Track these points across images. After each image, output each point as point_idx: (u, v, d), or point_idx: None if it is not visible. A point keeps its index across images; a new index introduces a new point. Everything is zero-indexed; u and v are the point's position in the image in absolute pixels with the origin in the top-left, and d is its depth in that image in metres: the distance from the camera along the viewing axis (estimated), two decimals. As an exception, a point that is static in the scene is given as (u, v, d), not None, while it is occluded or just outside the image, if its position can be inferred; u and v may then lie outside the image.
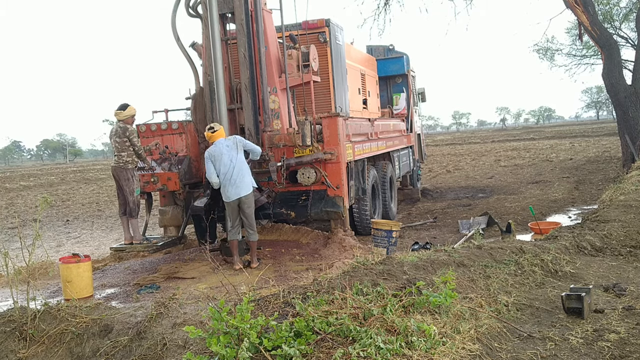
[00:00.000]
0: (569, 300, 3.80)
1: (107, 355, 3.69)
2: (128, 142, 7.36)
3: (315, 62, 8.35)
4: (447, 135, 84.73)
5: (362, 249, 7.48)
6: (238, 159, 6.62)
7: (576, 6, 12.89)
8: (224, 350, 2.85)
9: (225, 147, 6.61)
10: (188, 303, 4.20)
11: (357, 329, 2.98)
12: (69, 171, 47.25)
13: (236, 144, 6.65)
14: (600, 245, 5.58)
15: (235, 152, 6.62)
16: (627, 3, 22.70)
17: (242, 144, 6.72)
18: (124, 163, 7.38)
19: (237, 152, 6.63)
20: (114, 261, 8.32)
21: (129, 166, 7.42)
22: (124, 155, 7.37)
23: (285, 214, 7.99)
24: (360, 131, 9.21)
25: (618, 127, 14.08)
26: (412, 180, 14.31)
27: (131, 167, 7.45)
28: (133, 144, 7.39)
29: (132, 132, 7.42)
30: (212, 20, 7.30)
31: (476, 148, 37.23)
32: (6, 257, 4.21)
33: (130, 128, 7.45)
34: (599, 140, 32.87)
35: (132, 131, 7.43)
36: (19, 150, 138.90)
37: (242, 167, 6.63)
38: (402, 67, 13.39)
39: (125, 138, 7.35)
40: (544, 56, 27.58)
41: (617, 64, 13.51)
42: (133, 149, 7.40)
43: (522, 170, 18.73)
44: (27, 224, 14.19)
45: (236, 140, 6.69)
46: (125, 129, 7.38)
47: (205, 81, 8.18)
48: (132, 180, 7.46)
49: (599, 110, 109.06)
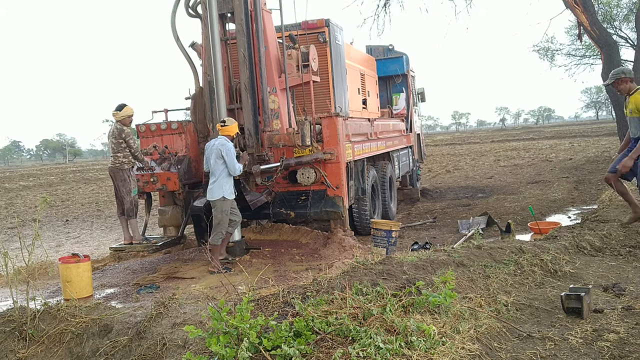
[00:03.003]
0: (568, 300, 3.80)
1: (107, 355, 3.69)
2: (124, 143, 7.36)
3: (315, 62, 8.35)
4: (447, 135, 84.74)
5: (361, 249, 7.48)
6: (216, 164, 6.71)
7: (576, 6, 12.90)
8: (223, 350, 2.85)
9: (215, 149, 6.71)
10: (188, 303, 4.20)
11: (357, 328, 2.98)
12: (68, 171, 47.25)
13: (219, 151, 6.70)
14: (600, 245, 5.58)
15: (216, 156, 6.71)
16: (627, 3, 22.73)
17: (224, 153, 6.68)
18: (120, 164, 7.37)
19: (217, 158, 6.71)
20: (113, 261, 8.32)
21: (125, 167, 7.41)
22: (120, 156, 7.36)
23: (284, 214, 7.99)
24: (359, 131, 9.21)
25: (617, 127, 14.09)
26: (412, 180, 14.31)
27: (127, 167, 7.43)
28: (129, 146, 7.37)
29: (128, 134, 7.39)
30: (212, 20, 7.30)
31: (476, 148, 37.24)
32: (6, 257, 4.20)
33: (127, 130, 7.42)
34: (598, 140, 32.87)
35: (128, 133, 7.40)
36: (19, 150, 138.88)
37: (219, 174, 6.72)
38: (401, 67, 13.39)
39: (121, 139, 7.34)
40: (544, 56, 27.61)
41: (617, 64, 13.51)
42: (129, 150, 7.40)
43: (521, 170, 18.73)
44: (27, 224, 14.19)
45: (221, 148, 6.69)
46: (122, 130, 7.36)
47: (205, 81, 8.17)
48: (128, 180, 7.44)
49: (599, 110, 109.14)
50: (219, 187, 6.72)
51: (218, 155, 6.69)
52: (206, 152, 6.91)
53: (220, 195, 6.72)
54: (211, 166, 6.78)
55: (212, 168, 6.77)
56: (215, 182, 6.74)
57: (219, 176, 6.72)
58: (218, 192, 6.72)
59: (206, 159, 6.92)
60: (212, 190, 6.76)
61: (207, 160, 6.90)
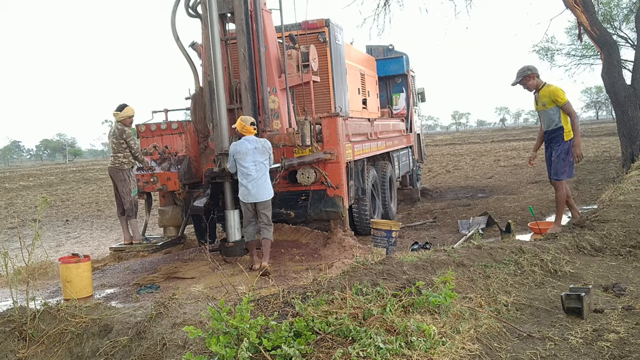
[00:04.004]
0: (568, 300, 3.80)
1: (107, 355, 3.69)
2: (125, 144, 7.37)
3: (315, 62, 8.35)
4: (447, 135, 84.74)
5: (361, 249, 7.48)
6: (262, 163, 6.58)
7: (576, 6, 12.88)
8: (223, 350, 2.85)
9: (252, 149, 6.53)
10: (188, 303, 4.20)
11: (357, 328, 2.98)
12: (68, 171, 47.26)
13: (265, 149, 6.60)
14: (600, 245, 5.57)
15: (260, 156, 6.57)
16: (627, 3, 22.72)
17: (270, 152, 6.67)
18: (120, 164, 7.39)
19: (262, 157, 6.59)
20: (113, 261, 8.32)
21: (125, 167, 7.42)
22: (120, 156, 7.38)
23: (284, 214, 7.98)
24: (359, 131, 9.21)
25: (617, 127, 14.07)
26: (412, 180, 14.31)
27: (127, 167, 7.45)
28: (130, 147, 7.39)
29: (129, 134, 7.41)
30: (212, 20, 7.30)
31: (476, 148, 37.24)
32: (6, 257, 4.20)
33: (128, 130, 7.43)
34: (598, 140, 32.86)
35: (129, 134, 7.41)
36: (19, 150, 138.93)
37: (264, 172, 6.59)
38: (401, 67, 13.39)
39: (122, 140, 7.36)
40: (544, 56, 27.59)
41: (617, 64, 13.50)
42: (130, 151, 7.41)
43: (521, 170, 18.73)
44: (27, 224, 14.17)
45: (266, 146, 6.65)
46: (123, 131, 7.38)
47: (205, 81, 8.17)
48: (128, 180, 7.46)
49: (599, 110, 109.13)
50: (267, 186, 6.61)
51: (263, 153, 6.56)
52: (238, 153, 6.52)
53: (272, 194, 6.68)
54: (248, 167, 6.49)
55: (251, 169, 6.49)
56: (260, 181, 6.52)
57: (263, 175, 6.57)
58: (269, 192, 6.63)
59: (238, 159, 6.54)
60: (258, 191, 6.53)
61: (240, 161, 6.52)
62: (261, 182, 6.56)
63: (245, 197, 6.59)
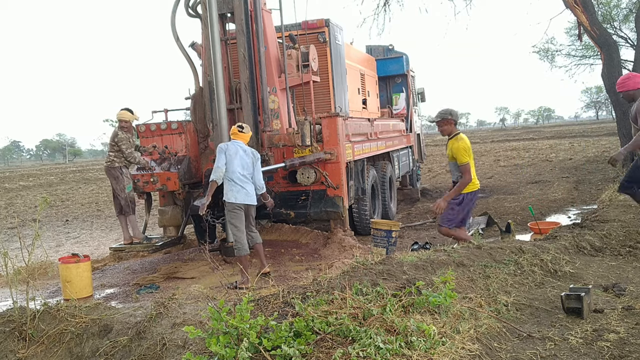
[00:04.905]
0: (568, 300, 3.79)
1: (107, 355, 3.69)
2: (116, 146, 7.56)
3: (315, 62, 8.35)
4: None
5: (361, 249, 7.48)
6: (248, 169, 6.26)
7: (576, 6, 12.89)
8: (223, 350, 2.85)
9: (241, 151, 6.25)
10: (187, 303, 4.20)
11: (357, 329, 2.97)
12: (68, 171, 47.25)
13: (253, 156, 6.32)
14: (600, 245, 5.57)
15: (248, 161, 6.27)
16: (627, 3, 22.72)
17: (258, 163, 6.38)
18: (111, 162, 7.59)
19: (250, 163, 6.28)
20: (113, 261, 8.33)
21: (116, 164, 7.57)
22: (111, 155, 7.68)
23: (284, 214, 7.99)
24: (359, 131, 9.21)
25: (617, 127, 14.08)
26: (412, 180, 14.31)
27: (118, 165, 7.59)
28: (121, 151, 7.59)
29: (121, 139, 7.58)
30: (212, 20, 7.30)
31: (475, 148, 37.14)
32: (6, 257, 4.20)
33: (120, 135, 7.59)
34: (598, 140, 32.86)
35: (121, 138, 7.58)
36: (19, 150, 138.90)
37: (248, 178, 6.28)
38: (401, 67, 13.40)
39: (113, 142, 7.63)
40: (544, 56, 27.59)
41: (617, 64, 13.50)
42: (122, 153, 7.57)
43: (521, 170, 18.72)
44: (27, 224, 14.17)
45: (256, 156, 6.38)
46: (116, 134, 7.62)
47: (205, 81, 8.18)
48: (121, 178, 7.59)
49: (599, 110, 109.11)
50: (253, 192, 6.32)
51: (251, 159, 6.28)
52: (228, 151, 6.23)
53: (256, 200, 6.36)
54: (235, 169, 6.18)
55: (236, 171, 6.18)
56: (247, 185, 6.25)
57: (248, 179, 6.27)
58: (254, 198, 6.33)
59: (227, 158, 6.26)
60: (248, 194, 6.24)
61: (228, 160, 6.22)
62: (249, 187, 6.27)
63: (243, 199, 6.22)
